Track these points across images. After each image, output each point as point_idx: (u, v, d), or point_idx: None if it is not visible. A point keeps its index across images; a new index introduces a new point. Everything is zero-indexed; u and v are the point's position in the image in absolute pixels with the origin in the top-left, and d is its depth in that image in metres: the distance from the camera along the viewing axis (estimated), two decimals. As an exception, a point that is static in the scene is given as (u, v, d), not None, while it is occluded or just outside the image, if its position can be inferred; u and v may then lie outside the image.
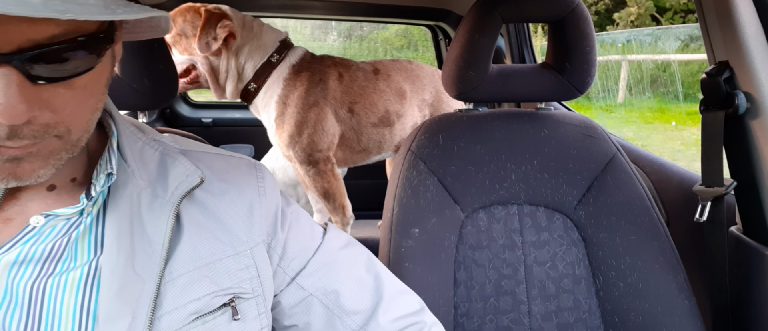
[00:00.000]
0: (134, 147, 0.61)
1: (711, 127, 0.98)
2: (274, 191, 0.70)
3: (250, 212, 0.65)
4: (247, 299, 0.62)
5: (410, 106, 1.69)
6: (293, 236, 0.70)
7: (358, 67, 1.65)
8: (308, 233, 0.72)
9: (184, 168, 0.61)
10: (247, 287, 0.62)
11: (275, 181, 0.72)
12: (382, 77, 1.66)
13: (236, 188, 0.66)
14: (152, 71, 0.97)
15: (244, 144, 2.40)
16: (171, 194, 0.59)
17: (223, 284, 0.60)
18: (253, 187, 0.67)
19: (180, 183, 0.60)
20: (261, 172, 0.70)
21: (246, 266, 0.63)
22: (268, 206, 0.67)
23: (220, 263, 0.60)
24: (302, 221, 0.72)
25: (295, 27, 5.10)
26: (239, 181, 0.67)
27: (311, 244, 0.71)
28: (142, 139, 0.63)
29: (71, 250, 0.54)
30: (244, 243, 0.63)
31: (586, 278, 1.04)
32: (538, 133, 1.12)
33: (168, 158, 0.62)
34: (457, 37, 1.12)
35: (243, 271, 0.62)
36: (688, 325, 0.97)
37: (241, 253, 0.63)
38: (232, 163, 0.69)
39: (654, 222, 1.04)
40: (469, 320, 1.01)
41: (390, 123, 1.65)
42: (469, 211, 1.06)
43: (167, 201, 0.58)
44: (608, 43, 7.50)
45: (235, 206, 0.64)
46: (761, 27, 0.91)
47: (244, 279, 0.62)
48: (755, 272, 0.94)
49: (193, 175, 0.61)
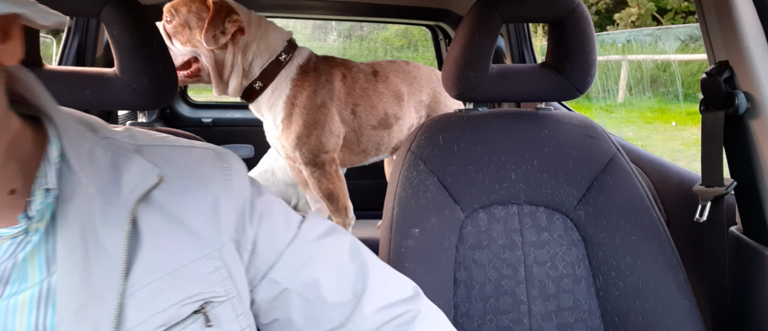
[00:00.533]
0: (82, 150, 0.56)
1: (711, 127, 0.98)
2: (242, 181, 0.65)
3: (216, 209, 0.60)
4: (221, 302, 0.58)
5: (408, 108, 1.70)
6: (265, 228, 0.65)
7: (358, 69, 1.65)
8: (282, 224, 0.67)
9: (139, 168, 0.57)
10: (219, 291, 0.58)
11: (244, 169, 0.67)
12: (381, 79, 1.66)
13: (199, 183, 0.61)
14: (152, 71, 0.97)
15: (244, 144, 2.40)
16: (125, 199, 0.54)
17: (190, 291, 0.56)
18: (219, 180, 0.62)
19: (135, 186, 0.55)
20: (228, 162, 0.65)
21: (215, 267, 0.59)
22: (235, 199, 0.62)
23: (185, 268, 0.56)
24: (275, 211, 0.67)
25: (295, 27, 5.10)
26: (203, 175, 0.62)
27: (285, 235, 0.67)
28: (92, 139, 0.58)
29: (20, 271, 0.50)
30: (211, 244, 0.59)
31: (586, 278, 1.04)
32: (538, 133, 1.12)
33: (121, 158, 0.57)
34: (457, 37, 1.12)
35: (213, 274, 0.58)
36: (688, 325, 0.97)
37: (209, 255, 0.58)
38: (194, 155, 0.64)
39: (654, 222, 1.03)
40: (469, 320, 1.01)
41: (388, 125, 1.65)
42: (469, 211, 1.06)
43: (121, 208, 0.54)
44: (608, 43, 7.50)
45: (199, 204, 0.59)
46: (761, 27, 0.91)
47: (214, 282, 0.58)
48: (755, 272, 0.94)
49: (149, 174, 0.57)
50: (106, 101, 0.98)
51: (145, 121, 1.09)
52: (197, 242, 0.58)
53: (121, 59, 0.96)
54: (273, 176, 2.16)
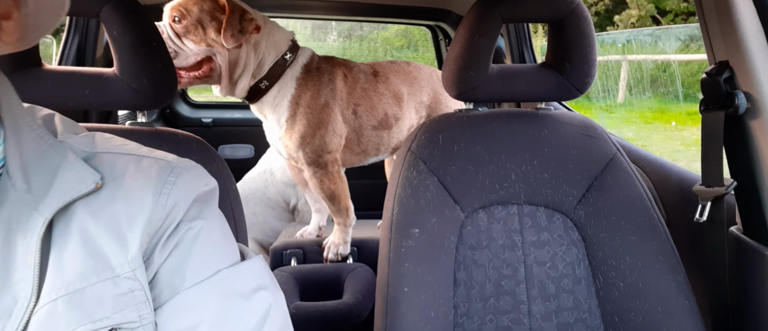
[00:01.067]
0: (33, 153, 0.53)
1: (711, 127, 0.98)
2: (177, 201, 0.56)
3: (138, 225, 0.53)
4: (133, 329, 0.51)
5: (408, 109, 1.69)
6: (173, 258, 0.56)
7: (359, 69, 1.65)
8: (198, 260, 0.56)
9: (76, 174, 0.53)
10: (131, 316, 0.51)
11: (192, 189, 0.58)
12: (381, 80, 1.66)
13: (134, 194, 0.55)
14: (151, 71, 0.97)
15: (244, 144, 2.40)
16: (47, 206, 0.50)
17: (96, 315, 0.50)
18: (153, 194, 0.55)
19: (63, 192, 0.51)
20: (174, 177, 0.57)
21: (130, 289, 0.52)
22: (158, 216, 0.55)
23: (91, 288, 0.50)
24: (199, 243, 0.57)
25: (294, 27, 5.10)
26: (141, 186, 0.55)
27: (194, 274, 0.56)
28: (49, 143, 0.55)
29: None
30: (127, 263, 0.52)
31: (586, 278, 1.04)
32: (538, 133, 1.12)
33: (65, 163, 0.54)
34: (457, 37, 1.12)
35: (125, 296, 0.51)
36: (688, 325, 0.97)
37: (122, 275, 0.52)
38: (142, 165, 0.58)
39: (654, 222, 1.03)
40: (469, 320, 1.01)
41: (388, 126, 1.65)
42: (469, 211, 1.06)
43: (40, 214, 0.50)
44: (608, 43, 7.50)
45: (127, 216, 0.53)
46: (761, 27, 0.91)
47: (127, 305, 0.51)
48: (755, 272, 0.94)
49: (85, 181, 0.52)
50: (106, 101, 0.98)
51: (145, 121, 1.09)
52: (112, 258, 0.52)
53: (120, 59, 0.96)
54: (272, 176, 2.16)
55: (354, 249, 1.66)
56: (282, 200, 2.16)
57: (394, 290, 0.97)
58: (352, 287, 1.47)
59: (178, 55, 1.40)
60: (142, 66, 0.96)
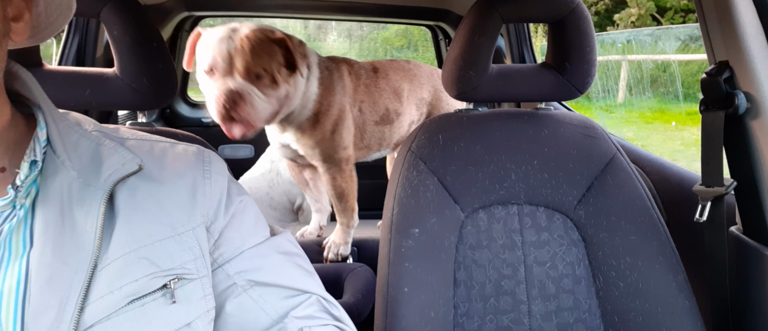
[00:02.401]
0: (68, 139, 0.61)
1: (711, 127, 0.98)
2: (221, 178, 0.68)
3: (193, 195, 0.64)
4: (192, 280, 0.61)
5: (408, 104, 1.70)
6: (234, 224, 0.68)
7: (359, 66, 1.66)
8: (250, 226, 0.70)
9: (120, 156, 0.61)
10: (191, 268, 0.61)
11: (224, 168, 0.71)
12: (382, 76, 1.67)
13: (178, 172, 0.65)
14: (151, 71, 0.97)
15: (244, 144, 2.40)
16: (104, 181, 0.59)
17: (163, 265, 0.59)
18: (199, 170, 0.67)
19: (114, 171, 0.60)
20: (209, 158, 0.69)
21: (189, 246, 0.62)
22: (211, 190, 0.66)
23: (159, 244, 0.59)
24: (248, 214, 0.71)
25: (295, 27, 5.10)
26: (182, 166, 0.66)
27: (251, 238, 0.69)
28: (79, 132, 0.63)
29: (5, 244, 0.54)
30: (185, 224, 0.62)
31: (586, 278, 1.04)
32: (538, 133, 1.12)
33: (104, 148, 0.62)
34: (457, 37, 1.12)
35: (186, 252, 0.61)
36: (688, 325, 0.97)
37: (183, 234, 0.62)
38: (177, 150, 0.68)
39: (654, 222, 1.03)
40: (469, 320, 1.01)
41: (390, 121, 1.65)
42: (469, 211, 1.06)
43: (98, 188, 0.58)
44: (608, 43, 7.50)
45: (177, 189, 0.64)
46: (761, 27, 0.91)
47: (187, 260, 0.61)
48: (755, 272, 0.94)
49: (130, 162, 0.61)
50: (106, 101, 0.98)
51: (145, 121, 1.09)
52: (173, 220, 0.61)
53: (120, 59, 0.96)
54: (278, 176, 2.16)
55: (354, 249, 1.66)
56: (287, 199, 2.16)
57: (394, 290, 0.97)
58: (352, 287, 1.47)
59: (267, 111, 1.31)
60: (142, 66, 0.96)
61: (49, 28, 0.64)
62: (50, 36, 0.66)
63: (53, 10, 0.62)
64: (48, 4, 0.61)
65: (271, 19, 2.49)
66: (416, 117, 1.73)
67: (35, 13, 0.60)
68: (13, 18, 0.57)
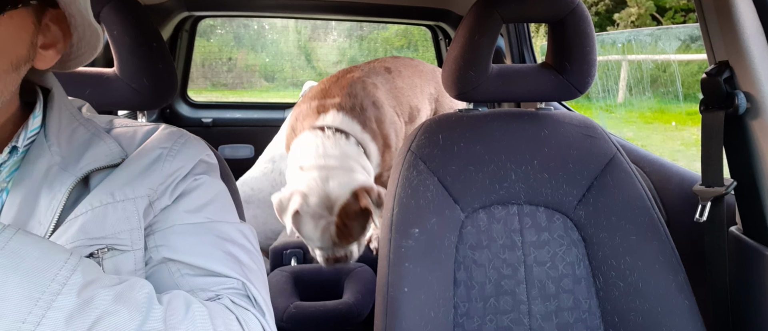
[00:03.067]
0: (66, 127, 0.63)
1: (711, 127, 0.98)
2: (185, 159, 0.66)
3: (148, 167, 0.63)
4: (124, 251, 0.59)
5: (423, 99, 1.71)
6: (179, 202, 0.64)
7: (374, 72, 1.64)
8: (194, 206, 0.65)
9: (107, 148, 0.63)
10: (124, 239, 0.59)
11: (197, 152, 0.68)
12: (396, 75, 1.67)
13: (147, 149, 0.65)
14: (151, 71, 0.97)
15: (244, 144, 2.40)
16: (80, 168, 0.60)
17: (93, 234, 0.57)
18: (166, 149, 0.65)
19: (94, 159, 0.61)
20: (183, 140, 0.68)
21: (126, 216, 0.60)
22: (169, 168, 0.64)
23: (92, 212, 0.58)
24: (197, 193, 0.66)
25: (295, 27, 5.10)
26: (153, 144, 0.66)
27: (189, 217, 0.64)
28: (80, 121, 0.65)
29: None
30: (127, 193, 0.60)
31: (586, 278, 1.04)
32: (538, 133, 1.12)
33: (96, 139, 0.64)
34: (457, 37, 1.12)
35: (122, 221, 0.59)
36: (688, 325, 0.97)
37: (123, 201, 0.60)
38: (157, 132, 0.68)
39: (654, 222, 1.03)
40: (469, 320, 1.01)
41: (414, 118, 1.66)
42: (469, 211, 1.06)
43: (71, 174, 0.59)
44: (608, 43, 7.50)
45: (137, 162, 0.63)
46: (761, 27, 0.91)
47: (121, 230, 0.59)
48: (755, 272, 0.94)
49: (115, 156, 0.62)
50: (106, 101, 0.98)
51: (145, 122, 1.08)
52: (113, 189, 0.60)
53: (120, 59, 0.96)
54: (281, 176, 2.16)
55: None
56: None
57: (394, 290, 0.97)
58: (352, 287, 1.47)
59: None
60: (142, 66, 0.96)
61: (76, 60, 0.65)
62: (73, 69, 0.67)
63: (84, 45, 0.64)
64: (80, 38, 0.62)
65: (272, 20, 2.49)
66: (429, 112, 1.74)
67: (69, 43, 0.62)
68: (44, 46, 0.58)
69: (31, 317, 0.41)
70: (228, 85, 6.89)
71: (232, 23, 6.14)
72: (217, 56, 6.70)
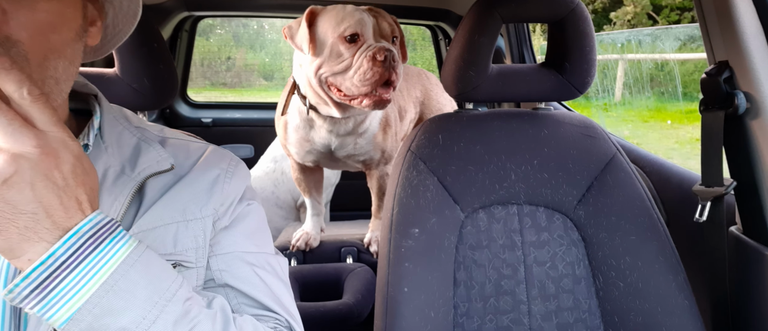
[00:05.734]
0: (114, 130, 0.66)
1: (711, 127, 0.98)
2: (242, 181, 0.72)
3: (211, 188, 0.67)
4: (189, 268, 0.63)
5: (408, 102, 1.72)
6: (235, 225, 0.70)
7: None
8: (248, 233, 0.71)
9: (156, 153, 0.65)
10: (191, 256, 0.63)
11: (247, 175, 0.74)
12: None
13: (204, 169, 0.69)
14: (152, 72, 0.97)
15: (244, 144, 2.40)
16: (137, 173, 0.63)
17: (162, 250, 0.61)
18: (223, 169, 0.70)
19: (148, 166, 0.63)
20: (236, 162, 0.73)
21: (194, 235, 0.64)
22: (230, 188, 0.69)
23: (164, 228, 0.62)
24: (250, 219, 0.72)
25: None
26: (210, 164, 0.70)
27: (245, 243, 0.70)
28: (123, 125, 0.68)
29: None
30: (196, 213, 0.65)
31: (586, 278, 1.04)
32: (538, 133, 1.12)
33: (144, 143, 0.66)
34: (457, 37, 1.13)
35: (190, 239, 0.64)
36: (688, 325, 0.97)
37: (191, 221, 0.64)
38: (209, 150, 0.72)
39: (654, 222, 1.04)
40: (469, 320, 1.01)
41: (402, 117, 1.67)
42: (469, 211, 1.06)
43: (131, 179, 0.62)
44: (607, 43, 7.51)
45: (198, 182, 0.67)
46: (761, 27, 0.91)
47: (189, 247, 0.63)
48: (755, 272, 0.94)
49: (164, 161, 0.64)
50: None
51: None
52: (184, 207, 0.64)
53: (121, 60, 0.96)
54: (283, 175, 2.17)
55: (354, 249, 1.66)
56: (291, 198, 2.18)
57: (394, 290, 0.97)
58: (352, 287, 1.47)
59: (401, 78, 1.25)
60: (143, 67, 0.96)
61: (118, 35, 0.70)
62: (118, 43, 0.71)
63: (121, 18, 0.68)
64: (116, 13, 0.66)
65: (272, 20, 2.49)
66: (413, 115, 1.74)
67: (105, 22, 0.66)
68: (89, 22, 0.62)
69: (150, 315, 0.49)
70: (227, 84, 6.88)
71: (232, 23, 6.13)
72: (217, 55, 6.69)
